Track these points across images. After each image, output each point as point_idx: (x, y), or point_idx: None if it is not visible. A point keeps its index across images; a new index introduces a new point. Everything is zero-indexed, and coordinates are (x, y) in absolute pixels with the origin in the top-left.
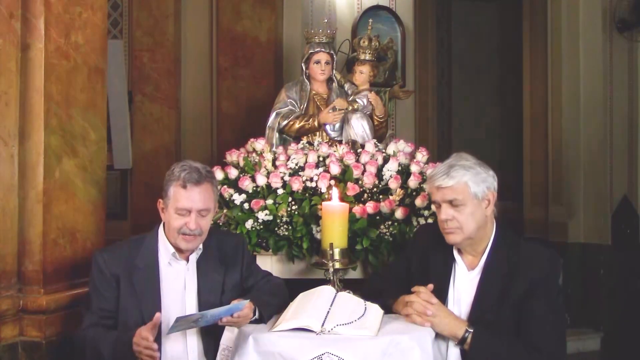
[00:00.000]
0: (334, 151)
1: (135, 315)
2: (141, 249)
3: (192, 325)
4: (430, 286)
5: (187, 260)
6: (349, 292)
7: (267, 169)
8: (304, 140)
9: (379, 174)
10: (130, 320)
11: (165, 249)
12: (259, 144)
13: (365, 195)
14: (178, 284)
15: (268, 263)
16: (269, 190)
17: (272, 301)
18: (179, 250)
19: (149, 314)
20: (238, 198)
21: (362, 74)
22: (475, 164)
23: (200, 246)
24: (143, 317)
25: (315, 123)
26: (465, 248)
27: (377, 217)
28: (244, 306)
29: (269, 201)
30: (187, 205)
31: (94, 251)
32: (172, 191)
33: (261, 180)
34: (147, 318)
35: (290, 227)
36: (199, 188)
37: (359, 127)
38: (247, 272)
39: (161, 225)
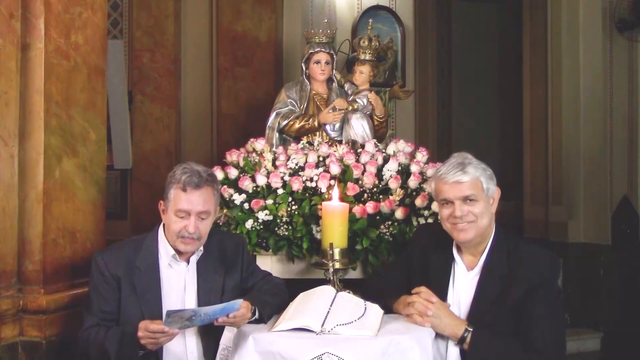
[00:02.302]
0: (334, 151)
1: (137, 316)
2: (141, 250)
3: (187, 324)
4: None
5: (188, 261)
6: (349, 292)
7: (267, 169)
8: (304, 140)
9: (379, 174)
10: (132, 321)
11: (165, 251)
12: (259, 144)
13: (365, 195)
14: (178, 285)
15: (268, 263)
16: (269, 190)
17: (272, 301)
18: (178, 252)
19: (150, 315)
20: (238, 198)
21: (362, 74)
22: (479, 162)
23: (201, 247)
24: (144, 318)
25: (315, 123)
26: (469, 247)
27: (377, 217)
28: (239, 306)
29: (269, 201)
30: (186, 207)
31: (94, 252)
32: (172, 193)
33: (261, 180)
34: (148, 319)
35: (290, 227)
36: (199, 191)
37: (359, 127)
38: (247, 273)
39: (161, 226)
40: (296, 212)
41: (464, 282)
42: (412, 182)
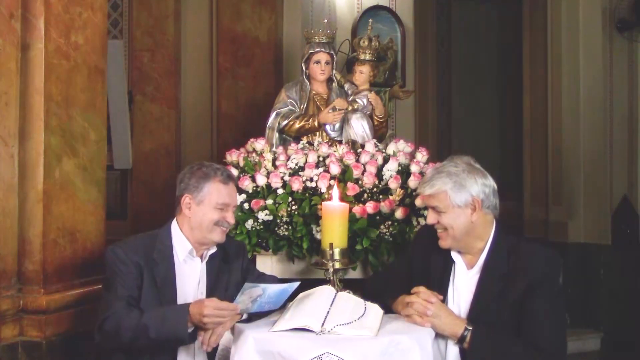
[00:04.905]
0: (334, 151)
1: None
2: (156, 245)
3: (249, 307)
4: (440, 297)
5: (201, 258)
6: (349, 292)
7: (267, 169)
8: (304, 140)
9: (379, 174)
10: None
11: (181, 246)
12: (259, 144)
13: (365, 195)
14: (193, 281)
15: (268, 263)
16: (269, 190)
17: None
18: (200, 245)
19: None
20: (238, 198)
21: (362, 74)
22: (463, 170)
23: (215, 245)
24: None
25: (315, 123)
26: (460, 250)
27: (377, 217)
28: (293, 288)
29: (269, 201)
30: (228, 200)
31: (108, 247)
32: (209, 187)
33: (261, 180)
34: None
35: (290, 227)
36: (234, 185)
37: (359, 127)
38: (246, 272)
39: (174, 222)
40: (296, 212)
41: (464, 280)
42: (412, 182)
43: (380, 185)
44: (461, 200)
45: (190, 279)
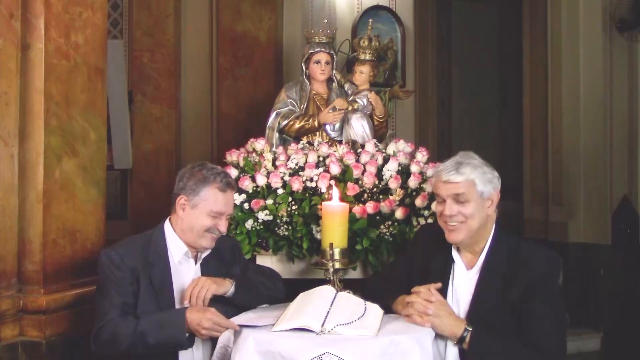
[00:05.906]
0: (334, 151)
1: (154, 310)
2: (151, 246)
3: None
4: (438, 285)
5: (195, 259)
6: (349, 292)
7: (267, 169)
8: (304, 140)
9: (379, 174)
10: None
11: (176, 247)
12: (259, 144)
13: (365, 195)
14: (189, 281)
15: (268, 263)
16: (269, 190)
17: (253, 276)
18: (192, 248)
19: (167, 309)
20: (238, 198)
21: (362, 74)
22: (482, 163)
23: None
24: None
25: (315, 123)
26: (465, 247)
27: (377, 217)
28: None
29: (269, 201)
30: (223, 209)
31: (102, 251)
32: (206, 192)
33: (261, 180)
34: None
35: (290, 227)
36: (232, 193)
37: (359, 127)
38: (244, 269)
39: (167, 222)
40: (296, 212)
41: (463, 281)
42: (412, 182)
43: (380, 185)
44: (485, 191)
45: (187, 280)
